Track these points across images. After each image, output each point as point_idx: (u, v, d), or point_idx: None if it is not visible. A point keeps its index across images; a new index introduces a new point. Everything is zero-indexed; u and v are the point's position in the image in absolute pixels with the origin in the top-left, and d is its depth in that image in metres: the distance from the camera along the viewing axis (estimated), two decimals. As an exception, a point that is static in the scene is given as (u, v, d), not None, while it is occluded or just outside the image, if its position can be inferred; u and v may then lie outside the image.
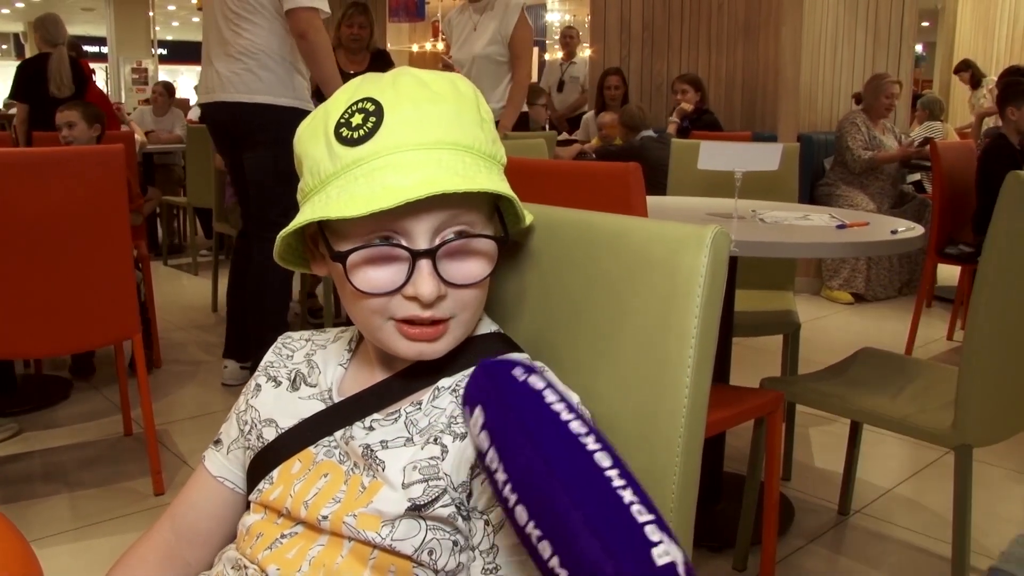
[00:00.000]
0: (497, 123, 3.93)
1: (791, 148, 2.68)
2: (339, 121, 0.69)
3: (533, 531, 0.54)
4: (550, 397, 0.58)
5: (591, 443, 0.55)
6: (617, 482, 0.53)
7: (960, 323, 3.83)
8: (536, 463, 0.55)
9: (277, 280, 2.81)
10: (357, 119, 0.68)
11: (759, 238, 1.76)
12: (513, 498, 0.55)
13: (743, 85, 5.10)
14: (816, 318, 4.18)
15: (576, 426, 0.56)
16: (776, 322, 2.43)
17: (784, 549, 1.99)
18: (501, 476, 0.56)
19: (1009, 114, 3.55)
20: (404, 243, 0.69)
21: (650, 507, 0.52)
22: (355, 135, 0.68)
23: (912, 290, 4.63)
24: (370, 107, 0.69)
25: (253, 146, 2.78)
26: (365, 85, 0.71)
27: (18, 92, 4.68)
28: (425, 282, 0.68)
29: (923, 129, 6.12)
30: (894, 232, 1.86)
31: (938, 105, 6.53)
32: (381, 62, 4.11)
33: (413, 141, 0.67)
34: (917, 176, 5.49)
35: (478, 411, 0.59)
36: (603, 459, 0.55)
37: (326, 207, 0.67)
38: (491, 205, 0.74)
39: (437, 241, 0.69)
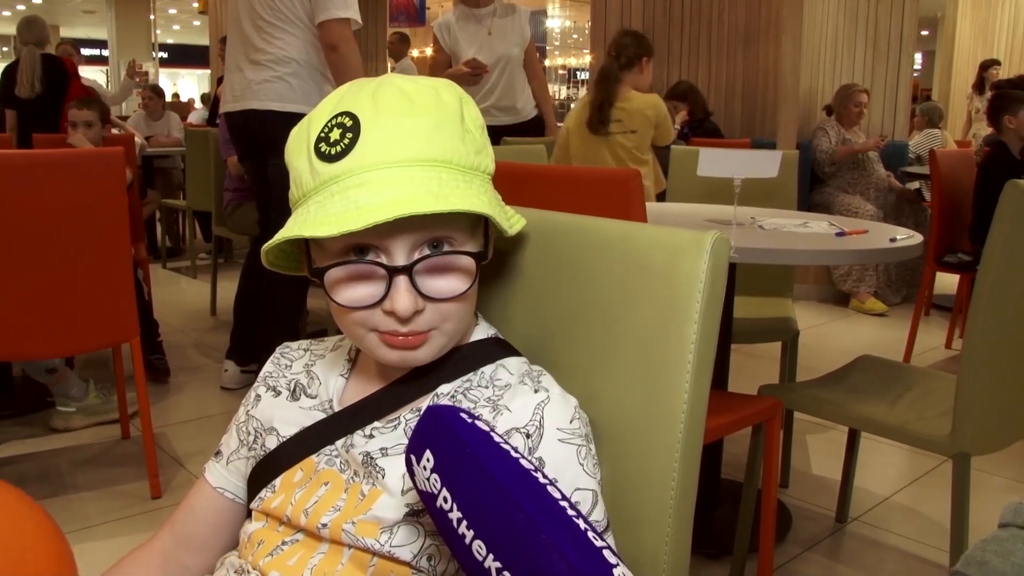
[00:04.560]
0: (537, 122, 3.97)
1: (790, 155, 2.68)
2: (319, 136, 0.70)
3: (493, 564, 0.54)
4: (497, 437, 0.59)
5: (541, 477, 0.57)
6: (571, 511, 0.55)
7: (959, 331, 3.84)
8: (493, 494, 0.55)
9: (290, 288, 2.81)
10: (335, 134, 0.69)
11: (758, 245, 1.76)
12: (470, 535, 0.55)
13: (743, 93, 5.11)
14: (815, 325, 4.18)
15: (525, 463, 0.58)
16: (775, 329, 2.43)
17: (781, 556, 1.99)
18: (455, 515, 0.56)
19: (1007, 123, 3.57)
20: (382, 258, 0.69)
21: (599, 535, 0.55)
22: (333, 151, 0.68)
23: (912, 299, 4.64)
24: (348, 122, 0.69)
25: (279, 153, 2.77)
26: (348, 97, 0.71)
27: (3, 99, 4.69)
28: (402, 298, 0.68)
29: (922, 137, 6.13)
30: (893, 240, 1.86)
31: (937, 112, 6.53)
32: None
33: (388, 159, 0.67)
34: (916, 184, 5.50)
35: (427, 454, 0.59)
36: (554, 491, 0.57)
37: (303, 224, 0.68)
38: (474, 217, 0.73)
39: (415, 256, 0.69)
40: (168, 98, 7.66)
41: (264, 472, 0.79)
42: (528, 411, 0.69)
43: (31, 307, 2.01)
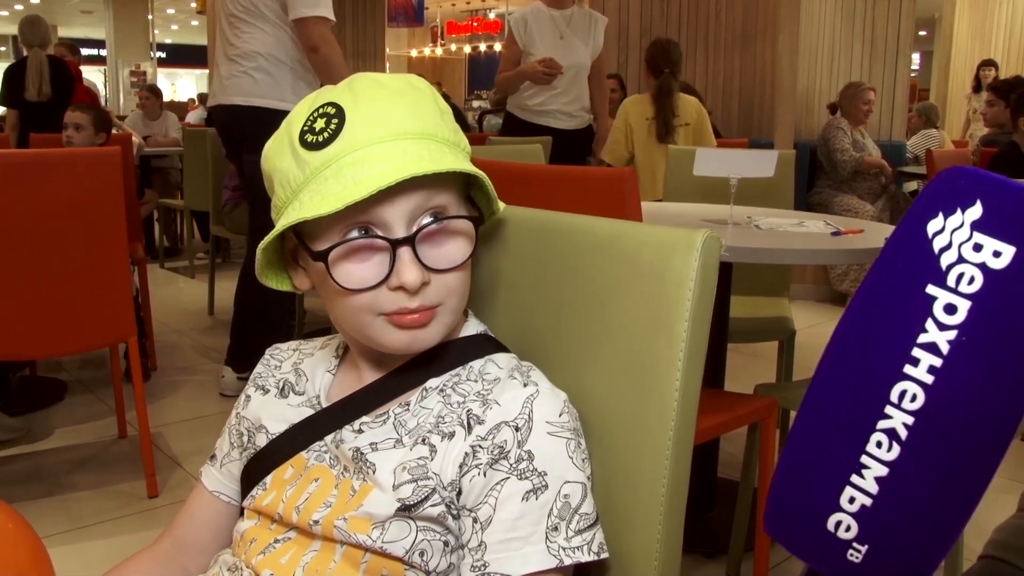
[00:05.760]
0: (588, 131, 3.98)
1: (787, 155, 2.68)
2: (302, 129, 0.71)
3: (915, 378, 0.40)
4: None
5: None
6: None
7: (955, 331, 3.83)
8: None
9: (277, 291, 2.79)
10: (320, 123, 0.70)
11: (753, 244, 1.76)
12: (950, 338, 0.39)
13: (740, 92, 5.12)
14: (813, 324, 4.18)
15: None
16: (771, 328, 2.43)
17: (777, 556, 1.99)
18: (955, 301, 0.39)
19: (1021, 125, 3.57)
20: (381, 234, 0.70)
21: None
22: (320, 139, 0.69)
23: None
24: (331, 110, 0.70)
25: (250, 150, 2.78)
26: (323, 94, 0.73)
27: (5, 98, 4.68)
28: (408, 269, 0.69)
29: (920, 137, 6.14)
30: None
31: (934, 112, 6.55)
32: None
33: (377, 135, 0.69)
34: (914, 185, 5.50)
35: (977, 205, 0.41)
36: None
37: (300, 211, 0.68)
38: (463, 189, 0.75)
39: (414, 228, 0.70)
40: (168, 97, 7.67)
41: (255, 470, 0.80)
42: (517, 405, 0.70)
43: (28, 306, 2.01)
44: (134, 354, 2.19)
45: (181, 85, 20.61)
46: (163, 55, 18.98)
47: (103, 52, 16.55)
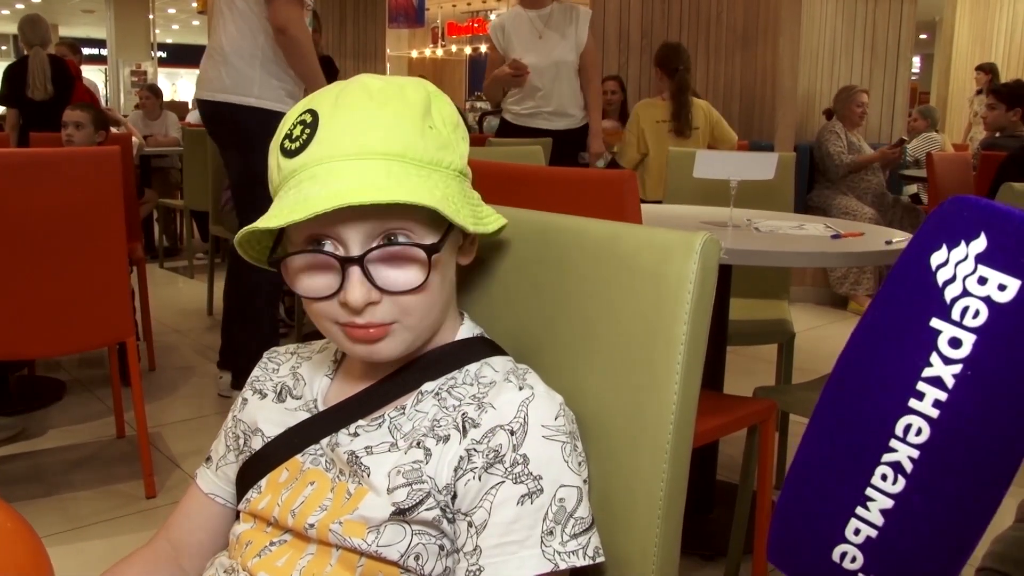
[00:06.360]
0: (585, 127, 3.94)
1: (787, 157, 2.68)
2: (285, 133, 0.71)
3: (923, 412, 0.40)
4: None
5: None
6: None
7: (955, 334, 3.82)
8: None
9: (265, 294, 2.77)
10: (297, 131, 0.70)
11: (753, 247, 1.76)
12: (954, 369, 0.39)
13: (741, 94, 5.12)
14: (812, 327, 4.18)
15: None
16: (771, 331, 2.43)
17: (776, 558, 1.98)
18: (959, 335, 0.39)
19: None
20: (340, 250, 0.69)
21: None
22: (293, 146, 0.70)
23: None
24: (309, 118, 0.70)
25: (222, 146, 2.78)
26: (317, 96, 0.73)
27: (6, 97, 4.68)
28: (354, 289, 0.68)
29: (920, 140, 6.14)
30: (888, 243, 1.86)
31: (936, 115, 6.55)
32: (327, 69, 4.15)
33: (339, 152, 0.68)
34: (914, 188, 5.50)
35: (982, 238, 0.40)
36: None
37: (263, 218, 0.68)
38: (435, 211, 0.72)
39: (371, 246, 0.69)
40: (168, 97, 7.67)
41: (250, 473, 0.80)
42: (513, 408, 0.69)
43: (26, 306, 2.01)
44: (132, 354, 2.19)
45: (181, 85, 20.58)
46: (164, 55, 18.96)
47: (104, 51, 16.55)
